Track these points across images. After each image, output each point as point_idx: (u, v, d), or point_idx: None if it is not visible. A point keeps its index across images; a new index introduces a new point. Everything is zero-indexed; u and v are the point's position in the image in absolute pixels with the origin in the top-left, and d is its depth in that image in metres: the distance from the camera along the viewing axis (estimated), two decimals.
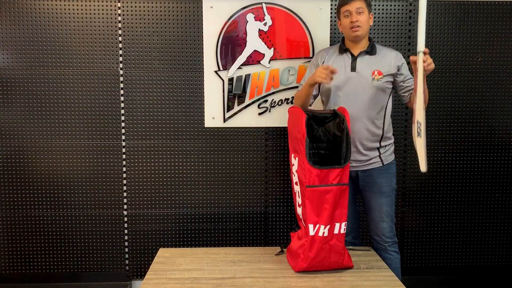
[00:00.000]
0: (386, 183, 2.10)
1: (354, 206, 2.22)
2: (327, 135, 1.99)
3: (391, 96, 2.13)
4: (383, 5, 2.52)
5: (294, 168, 1.91)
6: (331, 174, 1.79)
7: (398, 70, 2.10)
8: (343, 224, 1.82)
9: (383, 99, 2.08)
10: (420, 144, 1.79)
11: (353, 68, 2.08)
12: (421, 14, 1.84)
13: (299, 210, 1.90)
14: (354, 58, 2.08)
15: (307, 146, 1.80)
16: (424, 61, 1.80)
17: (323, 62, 2.17)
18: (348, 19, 2.04)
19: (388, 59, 2.09)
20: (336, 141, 1.93)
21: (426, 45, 2.53)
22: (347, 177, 1.83)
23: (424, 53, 1.81)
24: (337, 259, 1.83)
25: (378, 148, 2.10)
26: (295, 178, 1.91)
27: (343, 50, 2.12)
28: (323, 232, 1.78)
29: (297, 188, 1.90)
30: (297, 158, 1.88)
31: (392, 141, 2.16)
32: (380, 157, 2.10)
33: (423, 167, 1.77)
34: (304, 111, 1.87)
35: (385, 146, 2.12)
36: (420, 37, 1.83)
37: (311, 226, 1.78)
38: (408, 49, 2.55)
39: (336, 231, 1.81)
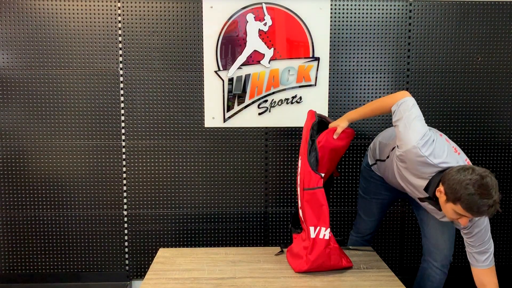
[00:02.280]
0: None
1: (386, 212, 2.22)
2: None
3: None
4: (383, 5, 2.52)
5: (299, 170, 1.91)
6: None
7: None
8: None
9: None
10: None
11: (423, 200, 1.78)
12: None
13: (300, 213, 1.90)
14: (431, 199, 1.71)
15: (309, 148, 1.81)
16: None
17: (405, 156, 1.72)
18: (458, 217, 1.59)
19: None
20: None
21: (426, 45, 2.56)
22: None
23: None
24: (336, 262, 1.83)
25: None
26: (299, 180, 1.92)
27: (433, 194, 1.68)
28: (324, 235, 1.78)
29: (299, 190, 1.90)
30: (301, 161, 1.89)
31: None
32: None
33: None
34: (315, 115, 1.89)
35: None
36: None
37: (311, 229, 1.79)
38: (408, 49, 2.55)
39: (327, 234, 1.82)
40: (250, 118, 2.56)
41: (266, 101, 2.55)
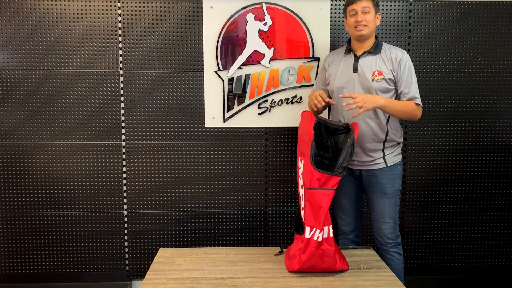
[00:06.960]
0: (389, 184, 2.08)
1: (358, 205, 2.22)
2: (333, 147, 1.99)
3: (396, 97, 2.08)
4: (383, 5, 2.52)
5: (300, 171, 1.91)
6: (331, 180, 1.80)
7: (394, 70, 2.03)
8: (330, 227, 1.82)
9: None
10: None
11: (355, 69, 2.06)
12: None
13: (302, 214, 1.90)
14: (356, 59, 2.07)
15: (312, 149, 1.81)
16: None
17: (329, 65, 2.18)
18: (354, 18, 2.02)
19: (388, 58, 2.05)
20: (340, 154, 1.91)
21: (426, 45, 2.56)
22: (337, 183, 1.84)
23: None
24: (329, 264, 1.81)
25: (382, 150, 2.08)
26: (300, 181, 1.92)
27: (348, 50, 2.12)
28: (318, 237, 1.78)
29: (301, 191, 1.90)
30: (303, 161, 1.89)
31: (397, 142, 2.12)
32: (384, 158, 2.08)
33: None
34: (316, 117, 1.88)
35: (390, 147, 2.09)
36: None
37: (307, 229, 1.79)
38: (408, 49, 2.55)
39: (325, 235, 1.80)
40: (250, 118, 2.56)
41: (266, 101, 2.55)
